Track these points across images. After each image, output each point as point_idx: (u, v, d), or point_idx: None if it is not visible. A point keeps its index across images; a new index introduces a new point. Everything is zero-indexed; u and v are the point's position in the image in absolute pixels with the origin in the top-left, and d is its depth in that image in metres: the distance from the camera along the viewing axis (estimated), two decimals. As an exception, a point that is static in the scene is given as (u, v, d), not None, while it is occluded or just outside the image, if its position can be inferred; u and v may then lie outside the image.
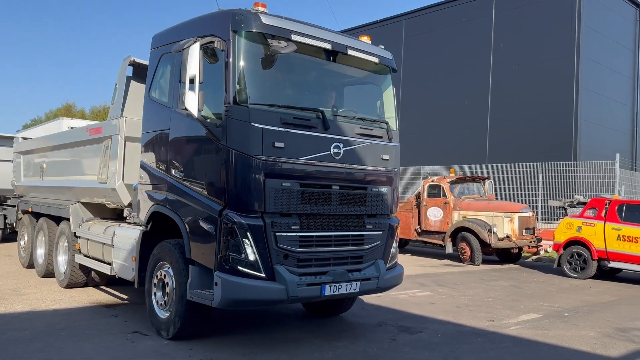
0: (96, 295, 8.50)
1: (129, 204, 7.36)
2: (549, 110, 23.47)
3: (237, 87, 5.43)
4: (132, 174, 7.27)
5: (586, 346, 6.60)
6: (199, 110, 5.49)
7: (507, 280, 12.23)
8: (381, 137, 6.50)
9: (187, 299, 5.68)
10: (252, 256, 5.34)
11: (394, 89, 6.96)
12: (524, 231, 14.94)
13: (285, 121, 5.56)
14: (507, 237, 14.68)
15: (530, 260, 16.63)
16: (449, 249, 15.50)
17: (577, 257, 12.93)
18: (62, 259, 9.16)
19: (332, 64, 6.25)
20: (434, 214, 16.06)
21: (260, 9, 5.69)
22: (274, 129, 5.47)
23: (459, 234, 15.26)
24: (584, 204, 13.64)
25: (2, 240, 14.75)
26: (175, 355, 5.52)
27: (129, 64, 7.62)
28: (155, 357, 5.46)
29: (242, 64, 5.49)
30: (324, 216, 5.85)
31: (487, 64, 25.89)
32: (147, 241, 6.53)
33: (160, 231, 6.46)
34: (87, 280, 8.85)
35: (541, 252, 16.87)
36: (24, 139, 12.63)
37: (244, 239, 5.31)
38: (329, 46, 5.97)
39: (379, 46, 6.82)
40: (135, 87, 7.62)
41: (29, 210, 10.83)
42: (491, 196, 16.70)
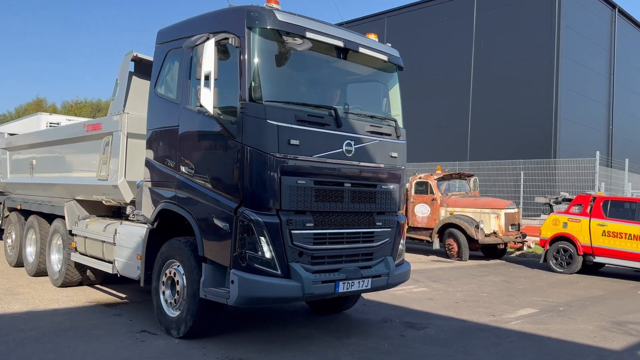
0: (93, 294, 8.35)
1: (132, 202, 7.24)
2: (529, 108, 23.87)
3: (252, 83, 5.38)
4: (134, 171, 7.14)
5: (588, 339, 6.77)
6: (214, 107, 5.42)
7: (496, 275, 12.43)
8: (390, 135, 6.54)
9: (199, 297, 5.62)
10: (268, 254, 5.31)
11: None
12: (510, 227, 15.20)
13: (300, 118, 5.55)
14: (494, 233, 14.91)
15: (514, 255, 16.93)
16: (437, 245, 15.67)
17: (563, 253, 13.23)
18: (56, 257, 8.96)
19: (342, 61, 6.24)
20: (422, 211, 16.22)
21: (274, 5, 5.65)
22: (289, 126, 5.45)
23: (446, 230, 15.45)
24: (569, 200, 13.94)
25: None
26: (190, 354, 5.46)
27: (132, 60, 7.45)
28: (171, 357, 5.39)
29: (257, 60, 5.45)
30: (336, 213, 5.87)
31: (468, 63, 26.18)
32: (153, 239, 6.44)
33: (166, 229, 6.39)
34: (82, 278, 8.67)
35: (525, 248, 17.20)
36: (9, 134, 12.30)
37: (260, 237, 5.28)
38: (341, 44, 5.97)
39: (386, 44, 6.86)
40: (137, 82, 7.47)
41: (17, 207, 10.57)
42: (476, 193, 16.97)
